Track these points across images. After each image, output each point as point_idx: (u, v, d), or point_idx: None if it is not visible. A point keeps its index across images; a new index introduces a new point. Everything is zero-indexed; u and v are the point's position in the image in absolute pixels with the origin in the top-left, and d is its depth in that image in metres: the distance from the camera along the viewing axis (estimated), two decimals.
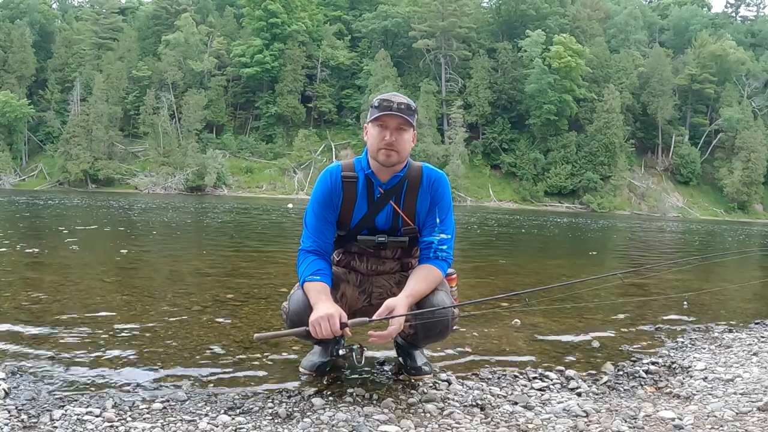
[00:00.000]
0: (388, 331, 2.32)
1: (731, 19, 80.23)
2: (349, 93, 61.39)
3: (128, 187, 52.65)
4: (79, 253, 6.99)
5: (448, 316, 2.46)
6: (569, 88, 56.69)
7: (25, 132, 57.76)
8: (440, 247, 2.54)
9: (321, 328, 2.26)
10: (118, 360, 2.80)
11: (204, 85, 59.47)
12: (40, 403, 2.23)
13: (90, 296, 4.37)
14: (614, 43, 66.87)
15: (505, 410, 2.35)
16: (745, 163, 58.54)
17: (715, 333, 3.93)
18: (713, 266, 8.55)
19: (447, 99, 60.25)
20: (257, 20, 58.85)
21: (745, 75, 64.39)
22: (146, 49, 63.19)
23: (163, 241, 9.72)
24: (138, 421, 2.11)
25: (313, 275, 2.44)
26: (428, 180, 2.57)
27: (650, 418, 2.30)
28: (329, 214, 2.56)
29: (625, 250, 13.30)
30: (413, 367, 2.70)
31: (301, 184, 54.18)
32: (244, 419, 2.16)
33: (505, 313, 4.18)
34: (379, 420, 2.18)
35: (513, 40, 61.11)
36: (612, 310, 4.68)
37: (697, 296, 5.52)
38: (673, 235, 21.29)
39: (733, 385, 2.71)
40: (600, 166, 57.31)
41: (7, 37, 58.84)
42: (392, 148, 2.44)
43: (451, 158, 53.92)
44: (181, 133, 56.35)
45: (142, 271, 6.18)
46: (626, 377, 2.90)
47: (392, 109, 2.42)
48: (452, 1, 59.10)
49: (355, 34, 64.69)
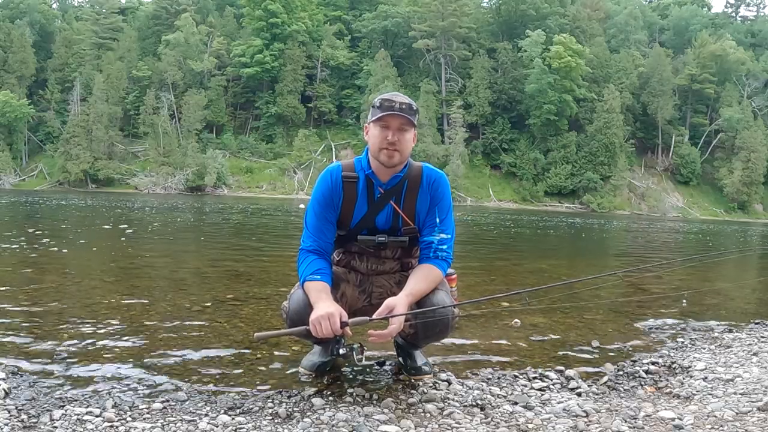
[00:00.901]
0: (388, 330, 2.32)
1: (731, 19, 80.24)
2: (349, 93, 61.39)
3: (128, 187, 52.67)
4: (79, 253, 6.99)
5: (449, 315, 2.46)
6: (569, 88, 56.69)
7: (25, 132, 57.77)
8: (440, 247, 2.54)
9: (321, 327, 2.26)
10: (118, 360, 2.80)
11: (204, 85, 59.47)
12: (40, 403, 2.23)
13: (90, 296, 4.37)
14: (614, 43, 66.88)
15: (505, 410, 2.35)
16: (745, 163, 58.54)
17: (715, 333, 3.93)
18: (713, 266, 8.55)
19: (447, 99, 60.26)
20: (257, 20, 58.86)
21: (745, 75, 64.39)
22: (146, 49, 63.20)
23: (163, 241, 9.72)
24: (138, 421, 2.11)
25: (313, 274, 2.45)
26: (428, 180, 2.58)
27: (650, 418, 2.30)
28: (329, 213, 2.56)
29: (626, 250, 13.29)
30: (413, 367, 2.70)
31: (301, 184, 54.18)
32: (244, 419, 2.16)
33: (505, 313, 4.18)
34: (379, 420, 2.18)
35: (513, 40, 61.12)
36: (612, 310, 4.68)
37: (697, 296, 5.53)
38: (674, 235, 21.29)
39: (733, 385, 2.70)
40: (600, 166, 57.33)
41: (7, 37, 58.83)
42: (394, 148, 2.44)
43: (451, 158, 53.93)
44: (181, 133, 56.35)
45: (142, 271, 6.18)
46: (626, 377, 2.90)
47: (395, 109, 2.42)
48: (452, 1, 59.11)
49: (355, 34, 64.70)
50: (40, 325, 3.38)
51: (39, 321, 3.48)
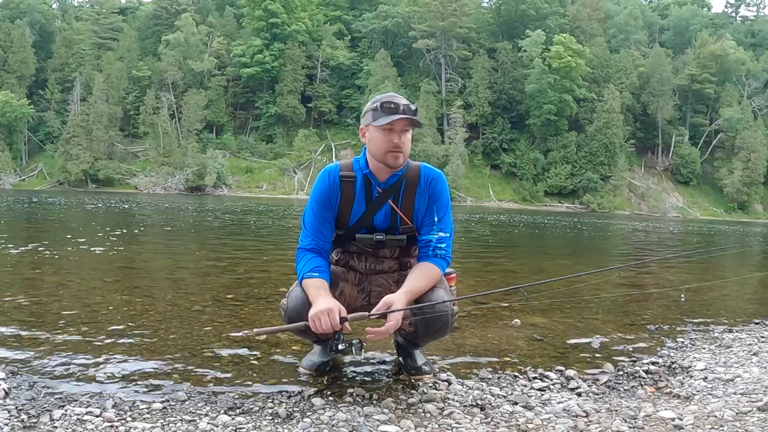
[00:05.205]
0: (386, 327, 2.32)
1: (731, 19, 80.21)
2: (349, 93, 61.39)
3: (128, 187, 52.69)
4: (79, 253, 6.99)
5: (448, 312, 2.46)
6: (569, 88, 56.70)
7: (25, 132, 57.79)
8: (439, 245, 2.55)
9: (321, 323, 2.26)
10: (118, 360, 2.80)
11: (204, 85, 59.47)
12: (40, 403, 2.23)
13: (90, 296, 4.37)
14: (614, 43, 66.89)
15: (505, 410, 2.35)
16: (745, 163, 58.55)
17: (715, 333, 3.93)
18: (713, 266, 8.55)
19: (447, 99, 60.28)
20: (257, 20, 58.87)
21: (745, 75, 64.38)
22: (146, 49, 63.24)
23: (163, 241, 9.72)
24: (138, 421, 2.11)
25: (311, 272, 2.45)
26: (426, 179, 2.58)
27: (650, 418, 2.30)
28: (327, 213, 2.57)
29: (626, 250, 13.29)
30: (413, 367, 2.70)
31: (301, 184, 54.19)
32: (244, 419, 2.16)
33: (505, 313, 4.18)
34: (379, 420, 2.18)
35: (513, 40, 61.12)
36: (612, 309, 4.68)
37: (697, 296, 5.53)
38: (674, 235, 21.29)
39: (733, 385, 2.70)
40: (600, 166, 57.35)
41: (7, 37, 58.85)
42: (400, 150, 2.46)
43: (451, 158, 53.94)
44: (181, 133, 56.36)
45: (142, 271, 6.18)
46: (626, 377, 2.90)
47: (399, 111, 2.42)
48: (452, 1, 59.12)
49: (355, 34, 64.71)
50: (40, 325, 3.38)
51: (39, 321, 3.48)
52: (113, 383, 2.49)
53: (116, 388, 2.43)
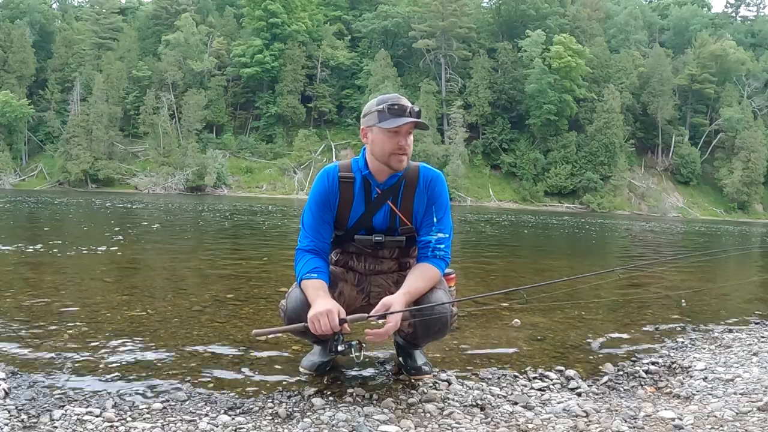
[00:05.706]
0: (385, 328, 2.32)
1: (731, 19, 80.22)
2: (349, 93, 61.40)
3: (128, 187, 52.69)
4: (79, 253, 6.99)
5: (447, 313, 2.46)
6: (569, 88, 56.71)
7: (25, 132, 57.79)
8: (438, 246, 2.54)
9: (320, 324, 2.26)
10: (118, 360, 2.80)
11: (204, 85, 59.47)
12: (40, 403, 2.23)
13: (90, 296, 4.37)
14: (614, 43, 66.89)
15: (505, 410, 2.35)
16: (745, 163, 58.54)
17: (715, 333, 3.93)
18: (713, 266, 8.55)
19: (447, 99, 60.27)
20: (257, 20, 58.87)
21: (745, 75, 64.39)
22: (146, 49, 63.23)
23: (163, 241, 9.72)
24: (138, 421, 2.11)
25: (310, 273, 2.45)
26: (425, 179, 2.58)
27: (650, 418, 2.30)
28: (326, 214, 2.57)
29: (626, 250, 13.29)
30: (413, 367, 2.70)
31: (301, 184, 54.19)
32: (244, 419, 2.16)
33: (505, 313, 4.18)
34: (379, 420, 2.18)
35: (513, 40, 61.12)
36: (612, 309, 4.68)
37: (697, 296, 5.53)
38: (674, 235, 21.29)
39: (733, 385, 2.70)
40: (600, 166, 57.36)
41: (7, 37, 58.84)
42: (404, 152, 2.46)
43: (451, 158, 53.94)
44: (181, 133, 56.36)
45: (142, 271, 6.18)
46: (626, 377, 2.90)
47: (407, 114, 2.42)
48: (452, 1, 59.11)
49: (355, 34, 64.71)
50: (40, 325, 3.38)
51: (39, 321, 3.48)
52: (113, 383, 2.49)
53: (116, 388, 2.43)
